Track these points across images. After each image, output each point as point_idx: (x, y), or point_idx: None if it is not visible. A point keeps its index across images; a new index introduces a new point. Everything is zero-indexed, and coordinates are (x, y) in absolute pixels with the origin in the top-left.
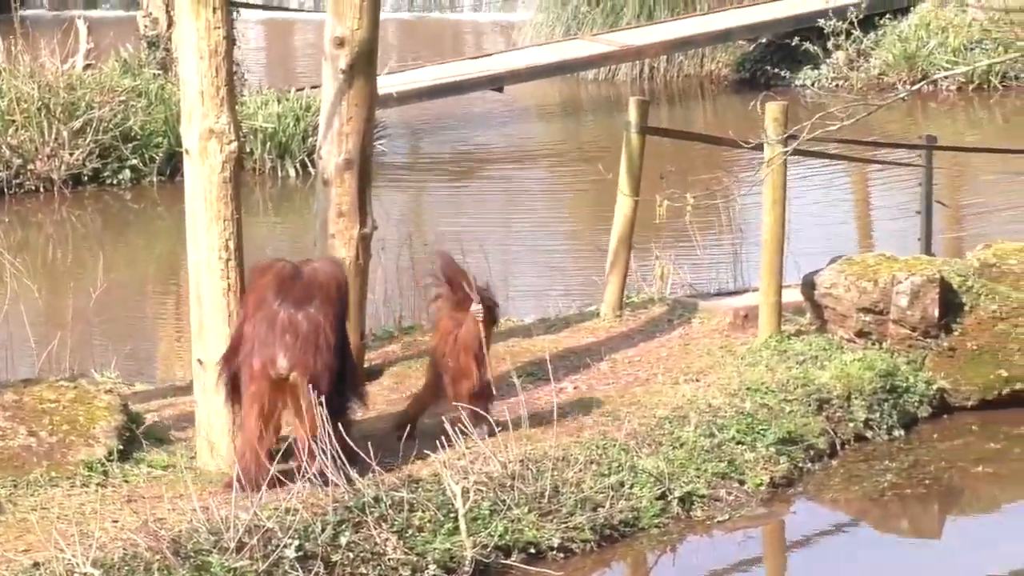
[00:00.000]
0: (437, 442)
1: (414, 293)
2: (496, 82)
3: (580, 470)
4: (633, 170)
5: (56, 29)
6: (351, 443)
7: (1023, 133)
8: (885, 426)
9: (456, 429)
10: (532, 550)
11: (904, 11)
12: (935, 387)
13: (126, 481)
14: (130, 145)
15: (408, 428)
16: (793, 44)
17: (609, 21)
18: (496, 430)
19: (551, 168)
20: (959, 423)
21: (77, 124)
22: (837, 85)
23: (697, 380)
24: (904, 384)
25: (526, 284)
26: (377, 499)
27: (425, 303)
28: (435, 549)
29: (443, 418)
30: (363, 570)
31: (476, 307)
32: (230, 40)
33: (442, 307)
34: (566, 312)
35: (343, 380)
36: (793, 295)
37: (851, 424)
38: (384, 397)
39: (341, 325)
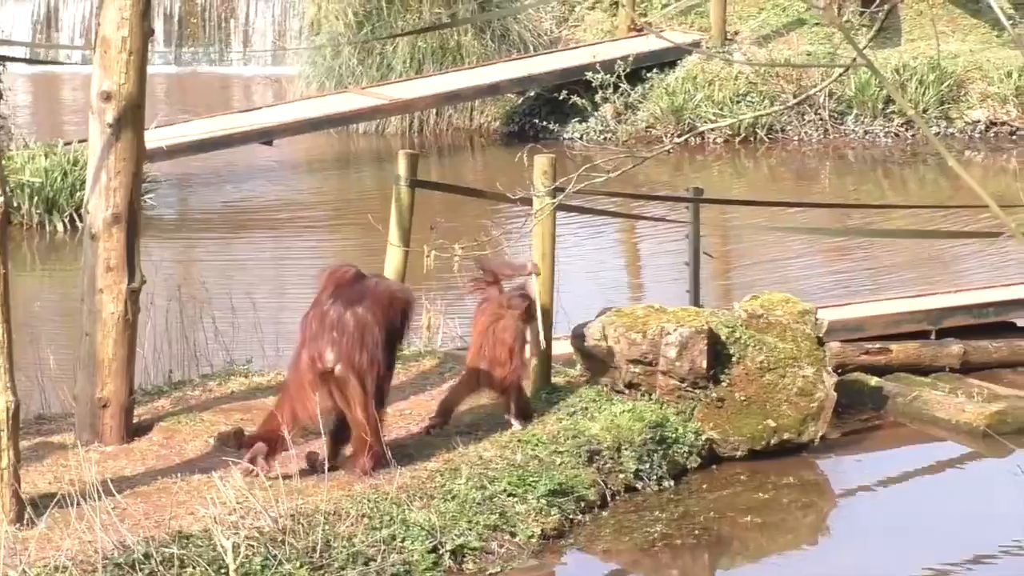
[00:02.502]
0: (208, 497)
1: (184, 347)
2: (266, 136)
3: (352, 524)
4: (403, 222)
5: None
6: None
7: (788, 185)
8: (655, 477)
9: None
10: None
11: (671, 64)
12: (704, 437)
13: None
14: None
15: (442, 421)
16: (561, 97)
17: (379, 74)
18: (532, 415)
19: (322, 221)
20: (728, 473)
21: None
22: (605, 138)
23: (469, 432)
24: (673, 435)
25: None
26: (147, 555)
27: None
28: None
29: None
30: None
31: (517, 301)
32: None
33: (485, 307)
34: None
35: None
36: (563, 347)
37: (621, 475)
38: (155, 452)
39: (390, 335)
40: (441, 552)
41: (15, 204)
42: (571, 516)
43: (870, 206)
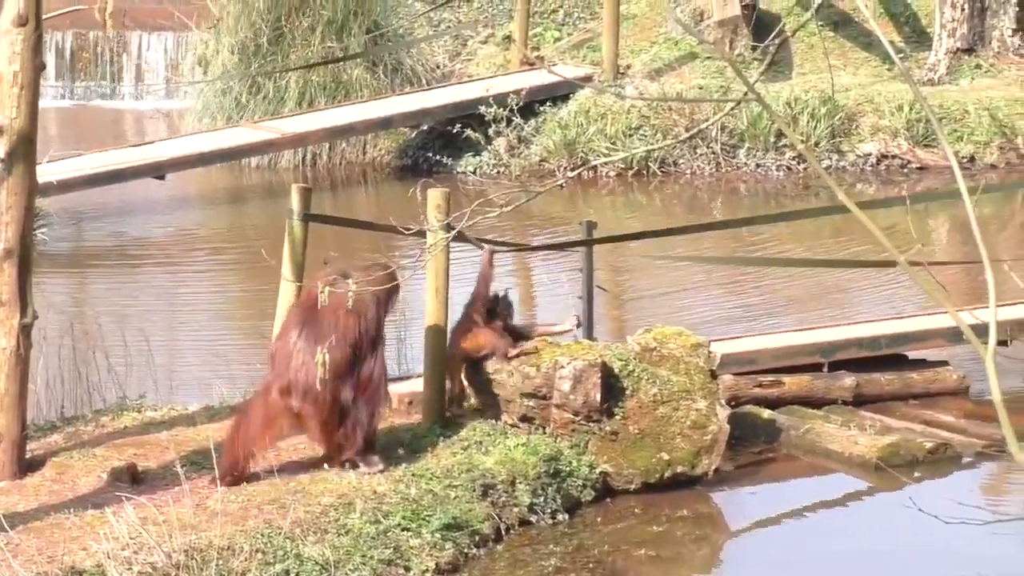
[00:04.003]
0: (101, 532)
1: (77, 383)
2: (158, 170)
3: (246, 559)
4: (296, 257)
5: None
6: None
7: (681, 218)
8: (549, 510)
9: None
10: None
11: (564, 98)
12: (598, 471)
13: None
14: None
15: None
16: (455, 131)
17: (271, 108)
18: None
19: (215, 255)
20: (622, 506)
21: None
22: (499, 172)
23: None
24: (568, 468)
25: (190, 372)
26: None
27: None
28: None
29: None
30: None
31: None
32: None
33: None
34: (231, 400)
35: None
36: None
37: (515, 509)
38: (47, 488)
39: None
40: None
41: None
42: (465, 550)
43: (756, 219)
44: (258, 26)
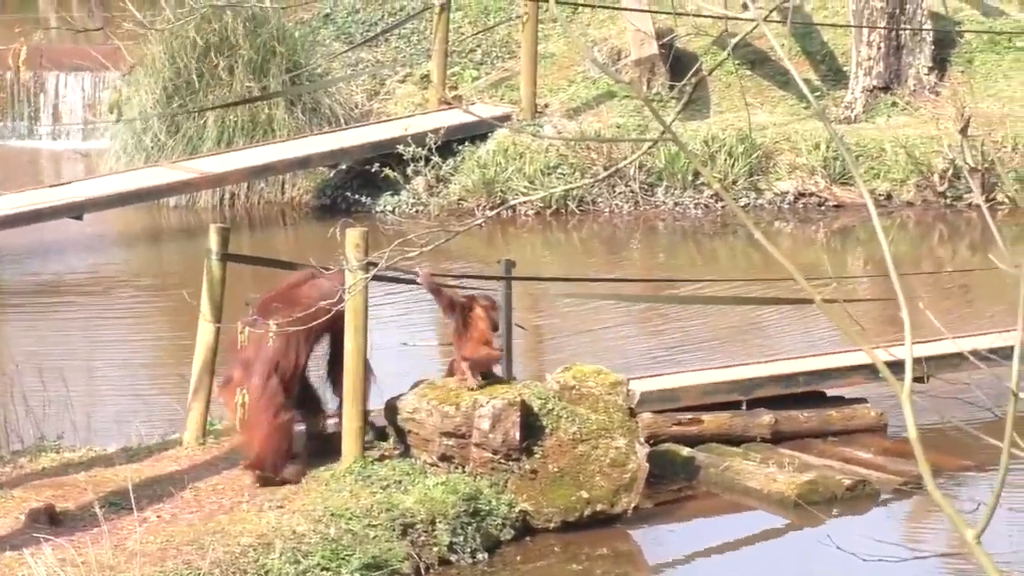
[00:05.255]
0: (19, 575)
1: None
2: (76, 210)
3: None
4: (215, 297)
5: None
6: None
7: (600, 256)
8: (469, 549)
9: None
10: None
11: (483, 137)
12: (518, 509)
13: None
14: None
15: None
16: (373, 170)
17: (190, 148)
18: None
19: (133, 296)
20: (542, 545)
21: None
22: (417, 211)
23: (281, 507)
24: (487, 507)
25: (108, 413)
26: None
27: None
28: None
29: None
30: None
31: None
32: None
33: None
34: (149, 441)
35: None
36: (377, 420)
37: (435, 548)
38: None
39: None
40: None
41: None
42: None
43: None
44: (177, 67)
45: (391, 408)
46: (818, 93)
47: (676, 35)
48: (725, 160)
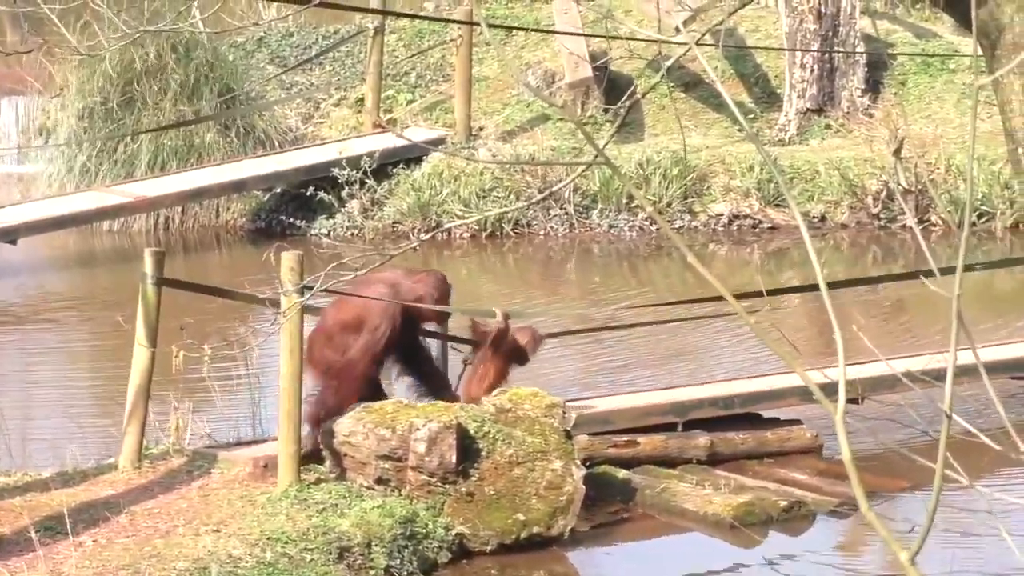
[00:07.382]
0: None
1: None
2: (10, 235)
3: None
4: (150, 321)
5: None
6: None
7: (535, 278)
8: (406, 572)
9: None
10: None
11: (417, 160)
12: (454, 532)
13: None
14: None
15: None
16: (308, 194)
17: (123, 172)
18: None
19: (67, 320)
20: (479, 567)
21: None
22: (352, 234)
23: (218, 531)
24: (424, 530)
25: (43, 437)
26: None
27: None
28: None
29: None
30: None
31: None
32: None
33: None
34: (84, 465)
35: None
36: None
37: (372, 571)
38: None
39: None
40: None
41: None
42: None
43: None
44: (107, 91)
45: (327, 431)
46: (752, 115)
47: (610, 58)
48: (659, 183)
